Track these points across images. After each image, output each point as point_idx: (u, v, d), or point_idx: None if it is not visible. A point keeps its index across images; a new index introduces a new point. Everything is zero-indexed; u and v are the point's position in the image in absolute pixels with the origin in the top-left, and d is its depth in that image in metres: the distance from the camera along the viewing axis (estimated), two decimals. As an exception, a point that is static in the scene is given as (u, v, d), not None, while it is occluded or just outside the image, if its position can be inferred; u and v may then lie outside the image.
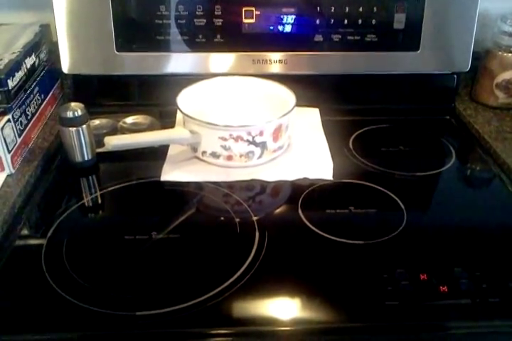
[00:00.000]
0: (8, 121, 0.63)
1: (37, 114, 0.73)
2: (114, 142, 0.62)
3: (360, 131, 0.77)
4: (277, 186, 0.66)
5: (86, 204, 0.63)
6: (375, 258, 0.53)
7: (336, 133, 0.75)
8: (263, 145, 0.66)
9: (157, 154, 0.69)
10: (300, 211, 0.60)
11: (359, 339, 0.47)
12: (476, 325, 0.47)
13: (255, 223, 0.58)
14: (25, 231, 0.58)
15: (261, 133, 0.65)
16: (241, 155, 0.66)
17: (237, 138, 0.65)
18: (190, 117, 0.65)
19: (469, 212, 0.62)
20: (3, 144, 0.62)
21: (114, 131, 0.73)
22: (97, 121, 0.74)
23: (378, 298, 0.48)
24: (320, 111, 0.80)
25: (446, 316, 0.47)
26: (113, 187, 0.64)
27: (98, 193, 0.65)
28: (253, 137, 0.65)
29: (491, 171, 0.70)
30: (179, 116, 0.74)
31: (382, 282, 0.50)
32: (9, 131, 0.63)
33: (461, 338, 0.47)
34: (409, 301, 0.48)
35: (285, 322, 0.47)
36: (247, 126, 0.65)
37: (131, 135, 0.67)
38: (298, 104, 0.68)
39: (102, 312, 0.46)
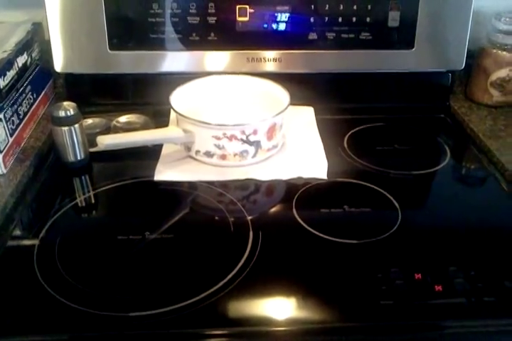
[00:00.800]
0: (0, 120, 0.63)
1: (29, 113, 0.72)
2: (107, 141, 0.61)
3: (354, 130, 0.77)
4: (271, 185, 0.65)
5: (79, 204, 0.62)
6: (369, 258, 0.53)
7: (331, 132, 0.75)
8: (257, 145, 0.66)
9: (150, 154, 0.69)
10: (294, 210, 0.60)
11: (354, 339, 0.46)
12: (471, 324, 0.47)
13: (249, 222, 0.58)
14: (17, 232, 0.58)
15: (255, 132, 0.65)
16: (235, 155, 0.66)
17: (231, 137, 0.64)
18: (184, 116, 0.65)
19: (464, 211, 0.62)
20: (-5, 144, 0.61)
21: (108, 130, 0.73)
22: (89, 121, 0.74)
23: (373, 297, 0.48)
24: (314, 109, 0.80)
25: (441, 315, 0.47)
26: (106, 187, 0.64)
27: (91, 193, 0.64)
28: (247, 136, 0.65)
29: (486, 169, 0.70)
30: (173, 115, 0.73)
31: (376, 281, 0.50)
32: (1, 131, 0.63)
33: (457, 337, 0.47)
34: (403, 300, 0.48)
35: (279, 322, 0.46)
36: (240, 125, 0.64)
37: (125, 134, 0.67)
38: (292, 103, 0.68)
39: (95, 314, 0.46)
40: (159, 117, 0.75)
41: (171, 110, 0.69)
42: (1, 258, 0.53)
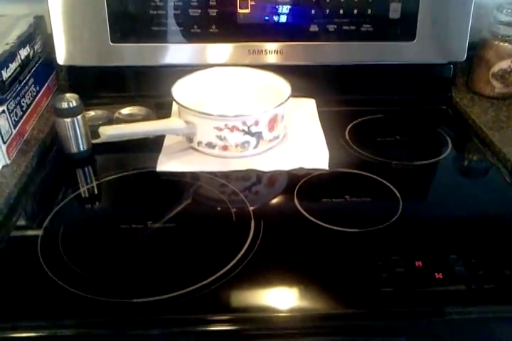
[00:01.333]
0: (3, 112, 0.63)
1: (32, 105, 0.73)
2: (110, 132, 0.62)
3: (356, 122, 0.77)
4: (273, 176, 0.66)
5: (82, 194, 0.63)
6: (370, 246, 0.53)
7: (332, 124, 0.75)
8: (259, 136, 0.66)
9: (153, 145, 0.69)
10: (296, 200, 0.60)
11: (355, 325, 0.47)
12: (471, 311, 0.47)
13: (251, 212, 0.58)
14: (21, 222, 0.58)
15: (256, 123, 0.65)
16: (236, 145, 0.66)
17: (233, 128, 0.65)
18: (185, 107, 0.65)
19: (465, 201, 0.62)
20: (-1, 135, 0.62)
21: (110, 122, 0.73)
22: (92, 113, 0.74)
23: (373, 284, 0.48)
24: (316, 101, 0.80)
25: (442, 302, 0.47)
26: (109, 178, 0.64)
27: (94, 183, 0.65)
28: (248, 127, 0.65)
29: (487, 160, 0.70)
30: (175, 106, 0.73)
31: (377, 269, 0.50)
32: (4, 122, 0.63)
33: (457, 324, 0.47)
34: (404, 288, 0.48)
35: (281, 309, 0.47)
36: (242, 116, 0.65)
37: (127, 125, 0.67)
38: (294, 95, 0.68)
39: (99, 300, 0.46)
40: (161, 109, 0.75)
41: (173, 102, 0.69)
42: (5, 248, 0.54)
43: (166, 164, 0.66)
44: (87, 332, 0.45)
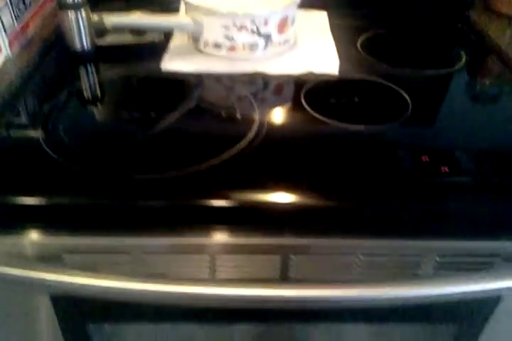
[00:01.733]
0: (6, 4, 0.61)
1: (36, 5, 0.70)
2: (115, 20, 0.60)
3: (369, 35, 0.74)
4: (281, 79, 0.64)
5: (84, 90, 0.62)
6: (377, 142, 0.52)
7: (344, 36, 0.73)
8: (267, 37, 0.64)
9: (159, 49, 0.67)
10: (303, 100, 0.58)
11: (358, 210, 0.46)
12: (476, 200, 0.46)
13: (256, 108, 0.57)
14: (23, 112, 0.58)
15: (265, 23, 0.63)
16: (244, 47, 0.64)
17: (241, 28, 0.62)
18: (193, 4, 0.63)
19: (476, 107, 0.61)
20: (0, 24, 0.60)
21: (115, 25, 0.71)
22: (97, 18, 0.72)
23: (378, 176, 0.48)
24: (328, 14, 0.77)
25: (447, 192, 0.46)
26: (112, 77, 0.63)
27: (97, 82, 0.64)
28: (257, 27, 0.63)
29: (504, 76, 0.68)
30: (182, 9, 0.71)
31: (382, 162, 0.49)
32: (7, 15, 0.61)
33: (462, 214, 0.46)
34: (409, 179, 0.47)
35: (286, 194, 0.46)
36: (251, 15, 0.62)
37: (133, 15, 0.64)
38: (305, 6, 0.66)
39: (103, 176, 0.46)
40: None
41: (181, 5, 0.67)
42: (8, 138, 0.53)
43: (171, 63, 0.64)
44: (93, 202, 0.45)
